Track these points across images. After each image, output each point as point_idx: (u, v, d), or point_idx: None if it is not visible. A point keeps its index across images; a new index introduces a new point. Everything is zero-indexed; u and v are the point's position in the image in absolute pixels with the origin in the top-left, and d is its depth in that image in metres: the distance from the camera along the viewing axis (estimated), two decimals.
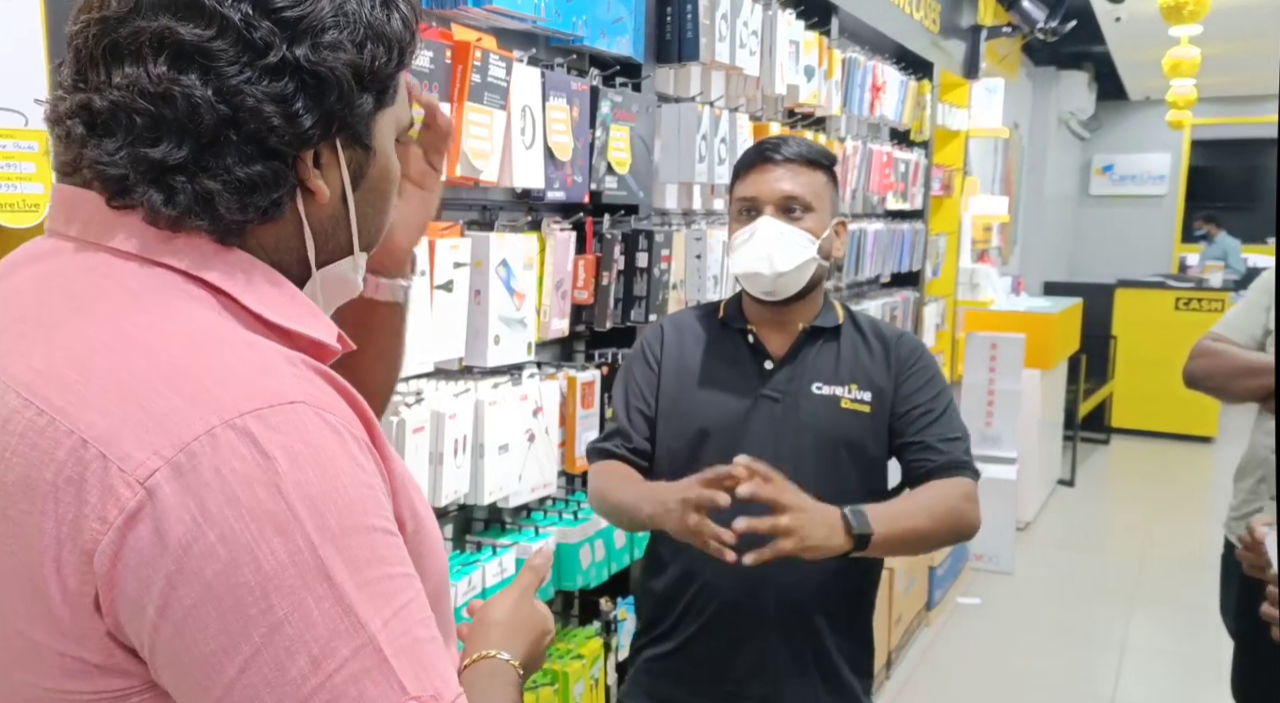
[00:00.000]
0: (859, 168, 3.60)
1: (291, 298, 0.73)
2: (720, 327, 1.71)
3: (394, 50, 0.73)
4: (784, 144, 1.63)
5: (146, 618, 0.60)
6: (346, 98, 0.70)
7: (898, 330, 1.75)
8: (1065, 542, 5.58)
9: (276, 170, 0.69)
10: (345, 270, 0.78)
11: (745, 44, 2.57)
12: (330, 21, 0.69)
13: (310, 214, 0.73)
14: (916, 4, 4.26)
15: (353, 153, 0.74)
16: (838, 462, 1.64)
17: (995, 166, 7.60)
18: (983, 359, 5.48)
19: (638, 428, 1.67)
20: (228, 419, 0.61)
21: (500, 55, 1.66)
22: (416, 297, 1.53)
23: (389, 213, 0.81)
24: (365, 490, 0.64)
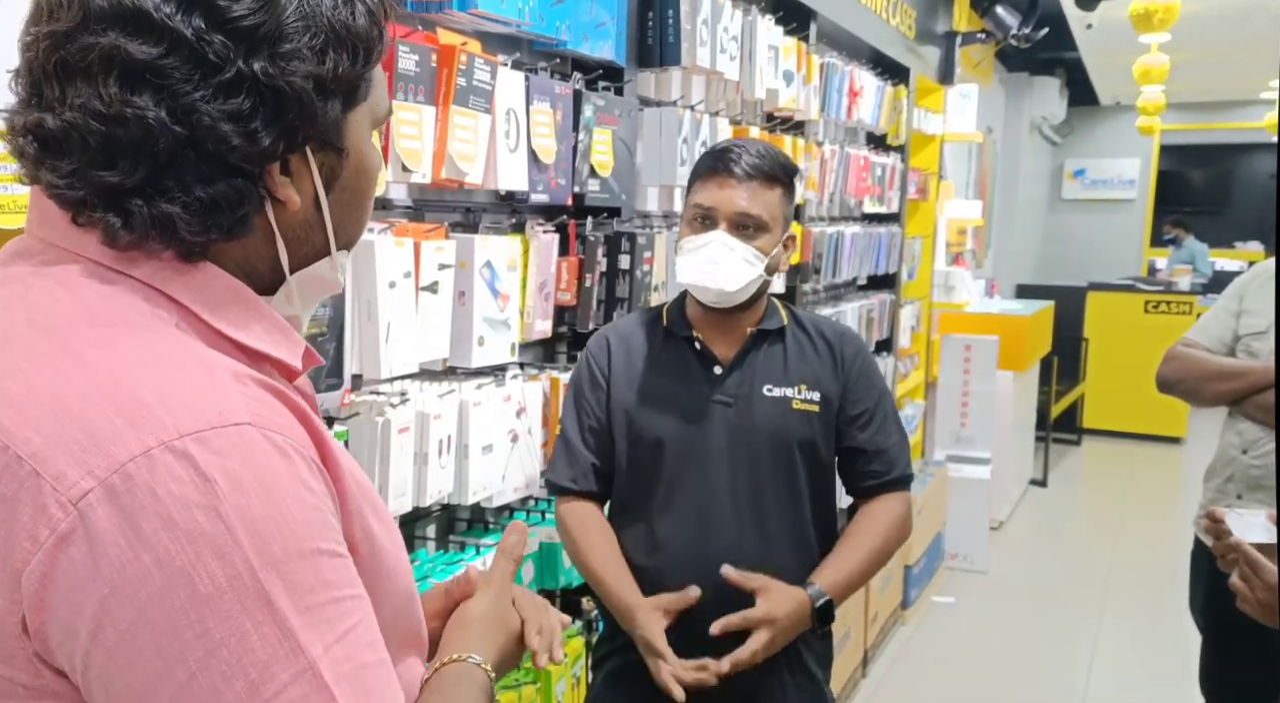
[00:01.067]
0: (837, 171, 3.64)
1: (257, 314, 0.71)
2: (665, 335, 1.73)
3: (359, 51, 0.70)
4: (746, 154, 1.61)
5: (79, 642, 0.58)
6: (308, 111, 0.68)
7: (839, 329, 1.79)
8: (1038, 541, 5.65)
9: (240, 188, 0.67)
10: (323, 271, 0.77)
11: (725, 49, 2.60)
12: (290, 28, 0.66)
13: (281, 222, 0.71)
14: (893, 10, 4.31)
15: (324, 157, 0.72)
16: (791, 463, 1.67)
17: (970, 171, 7.69)
18: (957, 361, 5.55)
19: (593, 448, 1.69)
20: (166, 441, 0.59)
21: (485, 59, 1.68)
22: (402, 298, 1.55)
23: (368, 207, 0.79)
24: (312, 513, 0.63)
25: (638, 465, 1.69)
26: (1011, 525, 5.82)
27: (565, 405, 1.75)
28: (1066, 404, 7.46)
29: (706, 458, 1.67)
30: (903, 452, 1.74)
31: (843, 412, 1.71)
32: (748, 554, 1.66)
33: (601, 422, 1.70)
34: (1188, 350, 2.22)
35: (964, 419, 5.51)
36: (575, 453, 1.70)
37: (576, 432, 1.71)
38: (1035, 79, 9.31)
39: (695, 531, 1.66)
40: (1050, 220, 11.68)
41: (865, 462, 1.72)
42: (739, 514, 1.66)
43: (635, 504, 1.71)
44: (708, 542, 1.66)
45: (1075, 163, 11.67)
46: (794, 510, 1.69)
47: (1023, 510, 6.12)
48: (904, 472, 1.74)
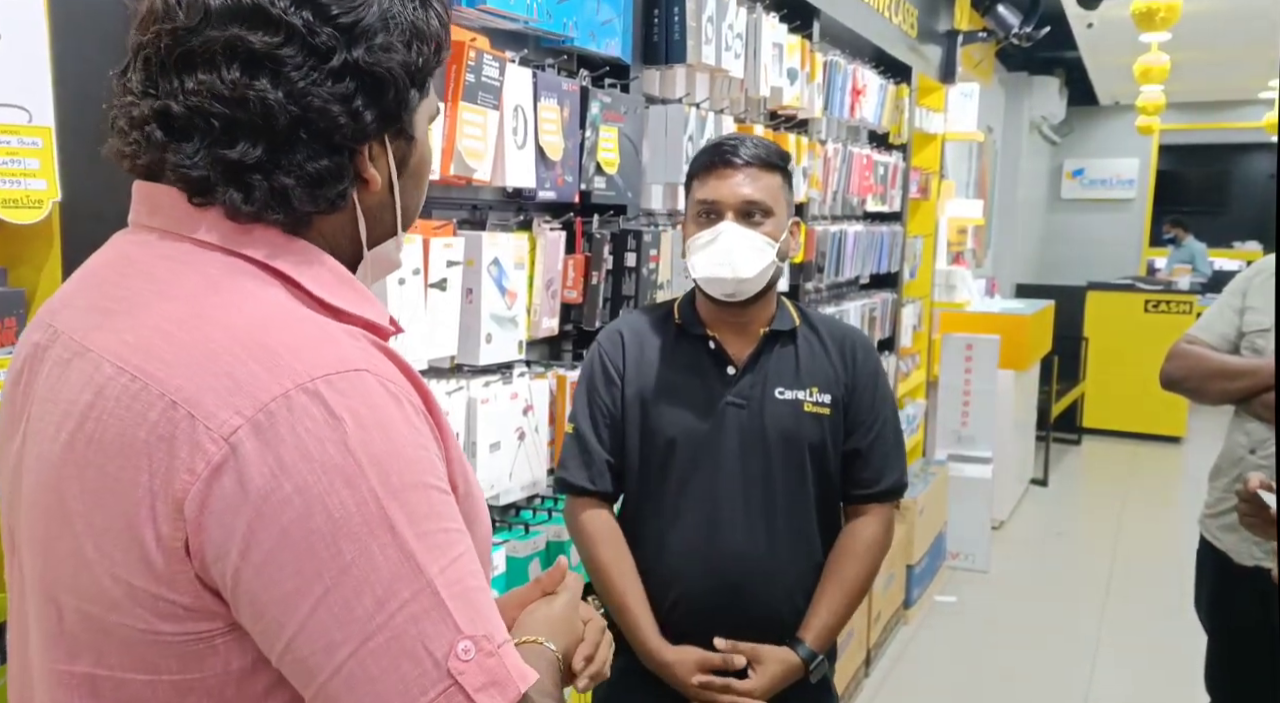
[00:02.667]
0: (840, 170, 3.63)
1: (349, 285, 0.79)
2: (678, 333, 1.72)
3: (434, 47, 0.79)
4: (742, 145, 1.63)
5: (230, 561, 0.65)
6: (402, 94, 0.76)
7: (847, 329, 1.79)
8: (1039, 540, 5.65)
9: (340, 164, 0.75)
10: (390, 250, 0.85)
11: (730, 47, 2.59)
12: (379, 25, 0.74)
13: (363, 201, 0.79)
14: (895, 9, 4.30)
15: (399, 144, 0.80)
16: (801, 466, 1.67)
17: (970, 170, 7.69)
18: (958, 360, 5.55)
19: (608, 445, 1.69)
20: (300, 383, 0.66)
21: (494, 55, 1.67)
22: (411, 296, 1.54)
23: (423, 193, 0.88)
24: (421, 452, 0.70)
25: (649, 463, 1.69)
26: (1013, 525, 5.82)
27: (577, 400, 1.74)
28: (1067, 404, 7.46)
29: (718, 459, 1.66)
30: (896, 461, 1.74)
31: (848, 412, 1.71)
32: (755, 556, 1.65)
33: (615, 418, 1.69)
34: (1192, 348, 2.21)
35: (965, 419, 5.51)
36: (590, 451, 1.69)
37: (590, 428, 1.69)
38: (1035, 78, 9.31)
39: (704, 532, 1.66)
40: (1050, 220, 11.68)
41: (858, 468, 1.72)
42: (749, 517, 1.66)
43: (644, 504, 1.70)
44: (716, 544, 1.65)
45: (1075, 162, 11.67)
46: (801, 513, 1.69)
47: (1024, 510, 6.12)
48: (894, 483, 1.74)
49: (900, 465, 1.76)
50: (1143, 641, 4.24)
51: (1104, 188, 11.65)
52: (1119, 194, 11.59)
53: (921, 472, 4.91)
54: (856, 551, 1.71)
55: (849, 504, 1.76)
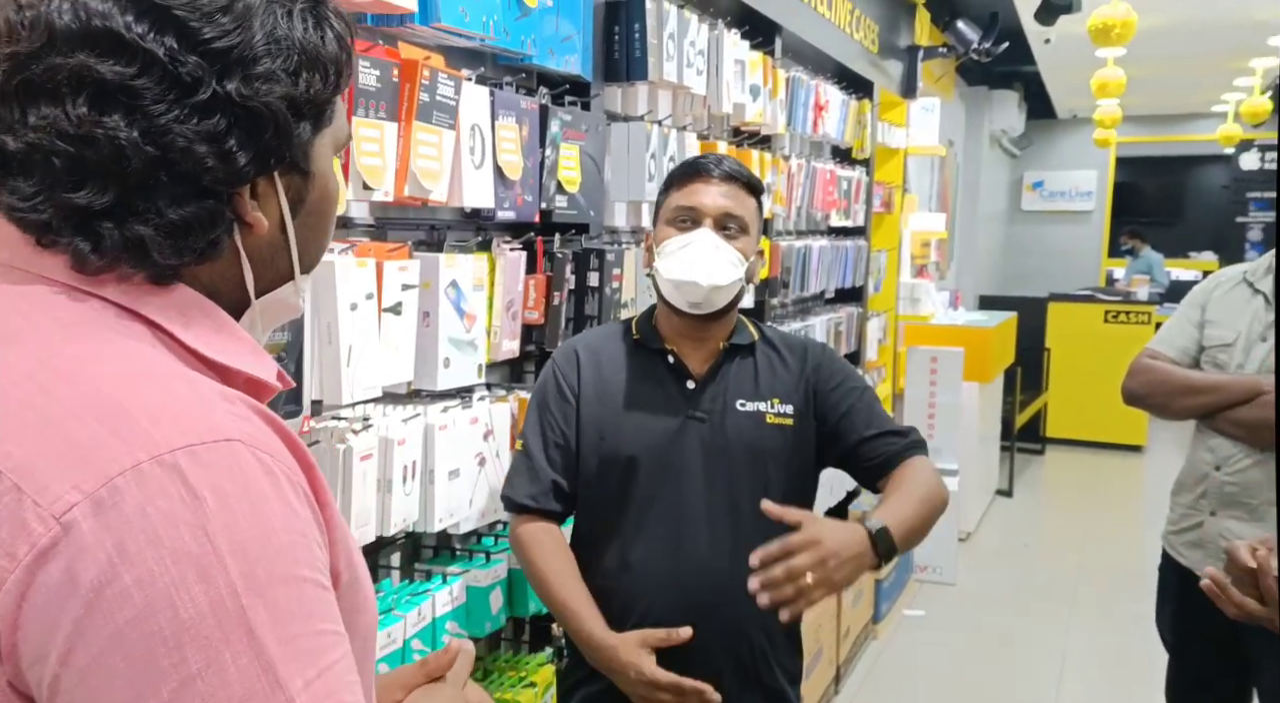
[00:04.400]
0: (803, 185, 3.63)
1: (230, 334, 0.70)
2: (636, 347, 1.70)
3: (330, 73, 0.71)
4: (725, 160, 1.65)
5: (48, 665, 0.56)
6: (283, 131, 0.68)
7: (802, 340, 1.78)
8: (1005, 552, 5.67)
9: (212, 209, 0.66)
10: (287, 295, 0.76)
11: (692, 63, 2.57)
12: (262, 50, 0.66)
13: (248, 246, 0.71)
14: (857, 25, 4.32)
15: (291, 180, 0.72)
16: (766, 478, 1.65)
17: (933, 183, 7.75)
18: (923, 373, 5.56)
19: (558, 466, 1.65)
20: (157, 454, 0.58)
21: (449, 74, 1.63)
22: (364, 321, 1.50)
23: (330, 230, 0.79)
24: (298, 538, 0.61)
25: (608, 483, 1.65)
26: (979, 537, 5.84)
27: (528, 419, 1.70)
28: (1030, 414, 7.52)
29: (680, 475, 1.63)
30: (910, 428, 1.69)
31: (828, 419, 1.68)
32: (722, 573, 1.62)
33: (567, 438, 1.66)
34: (1154, 363, 2.21)
35: (931, 431, 5.52)
36: (538, 469, 1.65)
37: (540, 448, 1.66)
38: (995, 93, 9.42)
39: (668, 549, 1.62)
40: (1011, 232, 11.81)
41: (872, 444, 1.65)
42: (713, 532, 1.63)
43: (604, 523, 1.67)
44: (680, 562, 1.62)
45: (1034, 175, 11.82)
46: (768, 526, 1.66)
47: (990, 521, 6.15)
48: (917, 438, 1.67)
49: (914, 430, 1.68)
50: (1109, 653, 4.26)
51: (1063, 199, 11.80)
52: (1078, 206, 11.75)
53: None
54: (912, 475, 1.58)
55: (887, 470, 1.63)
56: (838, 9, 4.01)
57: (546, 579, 1.60)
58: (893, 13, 5.01)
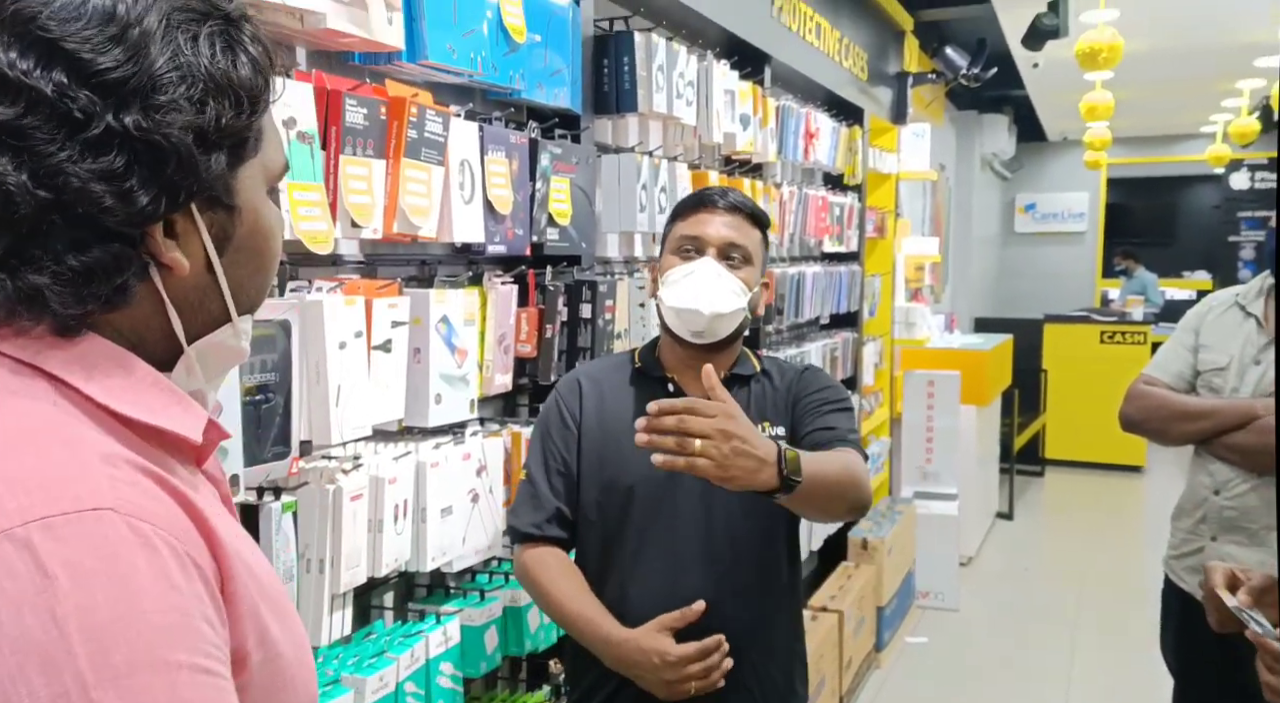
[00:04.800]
0: (796, 212, 3.63)
1: (150, 385, 0.65)
2: (638, 376, 1.70)
3: (243, 101, 0.66)
4: (730, 193, 1.66)
5: None
6: (188, 164, 0.63)
7: (797, 366, 1.78)
8: (1007, 575, 5.63)
9: (117, 253, 0.61)
10: (225, 339, 0.71)
11: (682, 94, 2.58)
12: (165, 79, 0.61)
13: (172, 289, 0.66)
14: (846, 53, 4.35)
15: (213, 216, 0.67)
16: (765, 506, 1.62)
17: (925, 208, 7.78)
18: (920, 397, 5.55)
19: (560, 493, 1.64)
20: (7, 529, 0.53)
21: (437, 110, 1.63)
22: (353, 359, 1.48)
23: (270, 268, 0.74)
24: (174, 618, 0.55)
25: (607, 512, 1.64)
26: (980, 561, 5.81)
27: (531, 448, 1.70)
28: (1028, 436, 7.50)
29: (677, 505, 1.62)
30: (852, 433, 1.65)
31: (798, 428, 1.68)
32: (717, 599, 1.60)
33: (569, 466, 1.65)
34: (1150, 389, 2.20)
35: (929, 455, 5.50)
36: (541, 498, 1.65)
37: (543, 476, 1.65)
38: (985, 117, 9.48)
39: (666, 582, 1.61)
40: (1004, 254, 11.85)
41: (820, 433, 1.62)
42: (712, 564, 1.62)
43: (604, 554, 1.65)
44: (678, 594, 1.60)
45: (1026, 197, 11.88)
46: (765, 553, 1.66)
47: (991, 545, 6.11)
48: (853, 438, 1.64)
49: (856, 438, 1.65)
50: (1113, 676, 4.21)
51: (1056, 221, 11.85)
52: (1070, 227, 11.80)
53: (888, 511, 4.88)
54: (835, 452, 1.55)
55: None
56: (826, 38, 4.04)
57: (555, 597, 1.58)
58: (882, 40, 5.05)
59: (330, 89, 1.44)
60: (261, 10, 1.35)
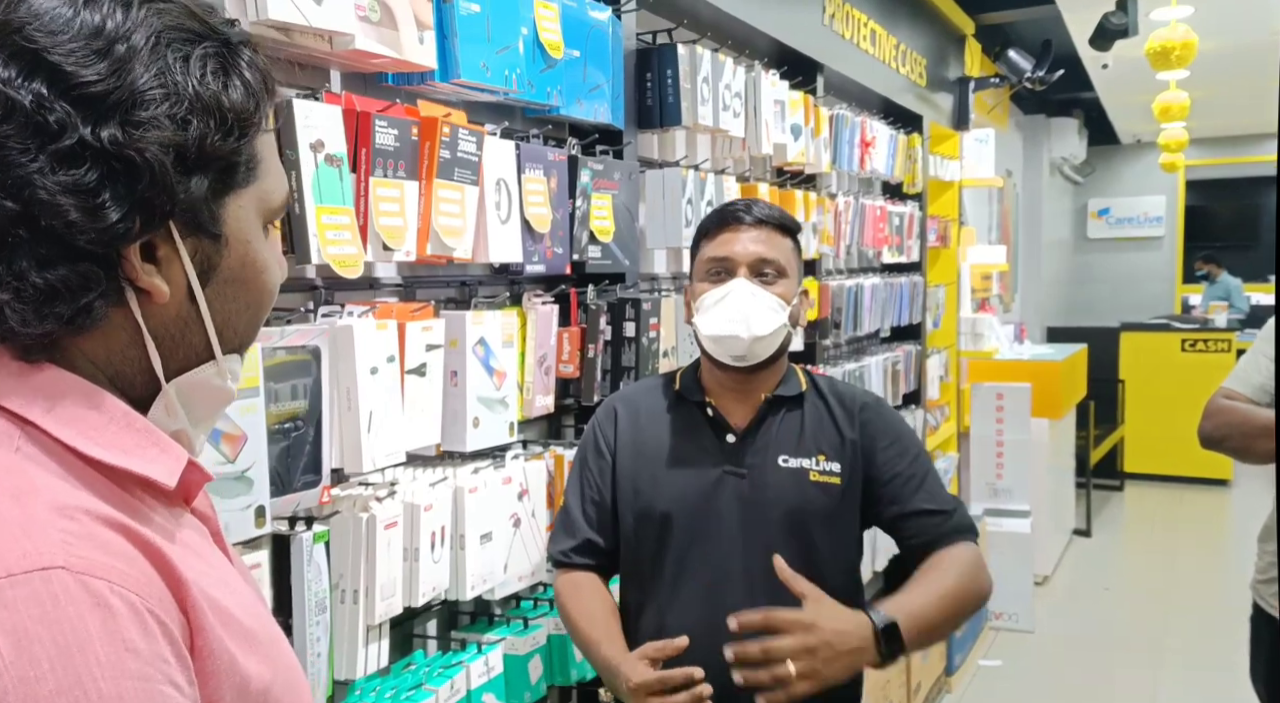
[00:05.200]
0: (852, 223, 3.55)
1: (122, 423, 0.62)
2: (676, 399, 1.64)
3: (231, 125, 0.64)
4: (754, 205, 1.59)
5: None
6: (162, 183, 0.60)
7: (858, 393, 1.68)
8: (1085, 595, 5.42)
9: (85, 273, 0.59)
10: (208, 377, 0.68)
11: (729, 106, 2.53)
12: (149, 95, 0.60)
13: (150, 318, 0.64)
14: (903, 59, 4.25)
15: (197, 243, 0.65)
16: (810, 539, 1.56)
17: (991, 215, 7.58)
18: (989, 410, 5.39)
19: (593, 522, 1.60)
20: None
21: (470, 130, 1.60)
22: (385, 384, 1.46)
23: (263, 305, 0.72)
24: (128, 684, 0.52)
25: (643, 540, 1.59)
26: (1057, 580, 5.60)
27: (570, 476, 1.68)
28: (1106, 449, 7.24)
29: (716, 534, 1.56)
30: (957, 507, 1.60)
31: (876, 481, 1.59)
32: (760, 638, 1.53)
33: (604, 494, 1.61)
34: (1230, 403, 2.07)
35: (1000, 471, 5.33)
36: (574, 526, 1.62)
37: (578, 504, 1.63)
38: (1053, 120, 9.24)
39: (704, 613, 1.54)
40: (1077, 261, 11.50)
41: (917, 520, 1.56)
42: (752, 596, 1.54)
43: (641, 584, 1.60)
44: (717, 626, 1.53)
45: (1099, 202, 11.52)
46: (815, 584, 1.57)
47: (1068, 563, 5.90)
48: (965, 521, 1.58)
49: (963, 511, 1.59)
50: None
51: (1131, 226, 11.47)
52: (1147, 232, 11.41)
53: None
54: (942, 564, 1.49)
55: (924, 552, 1.54)
56: (882, 45, 3.95)
57: (573, 617, 1.54)
58: (941, 45, 4.94)
59: (360, 111, 1.42)
60: (289, 34, 1.35)
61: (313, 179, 1.32)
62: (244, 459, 1.19)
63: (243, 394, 1.19)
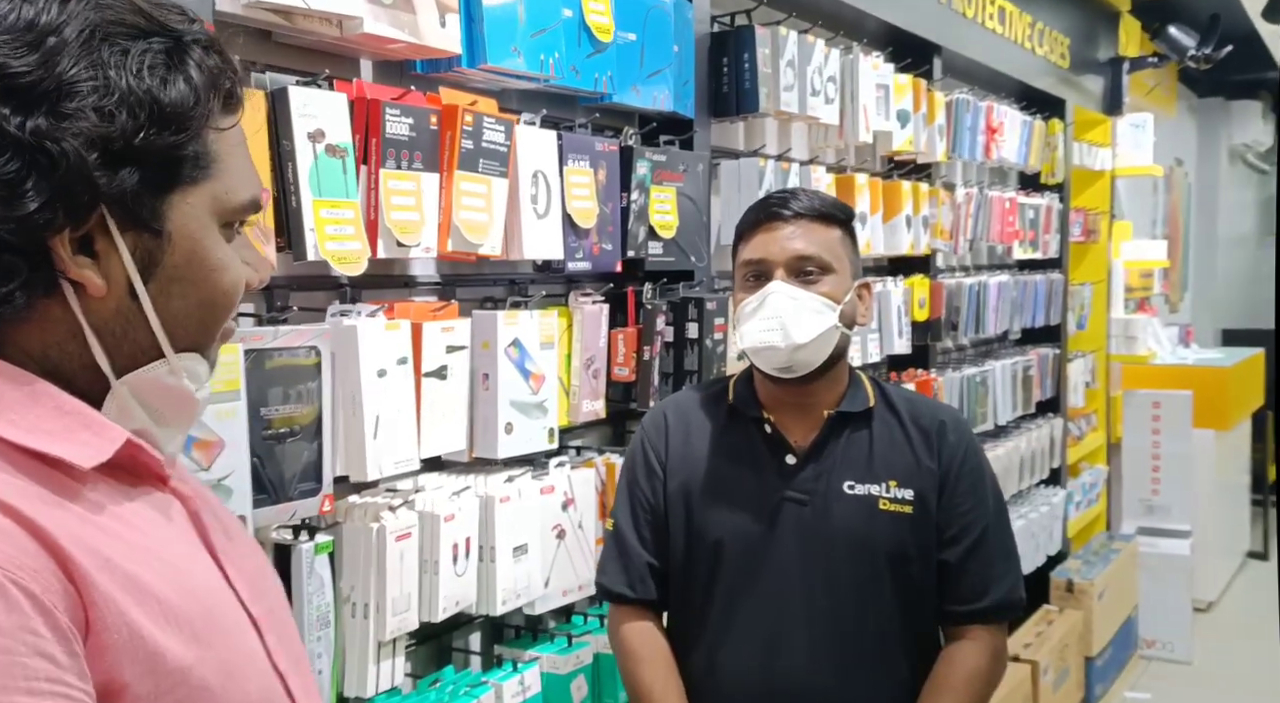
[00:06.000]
0: (975, 216, 3.29)
1: (49, 407, 0.64)
2: (730, 414, 1.48)
3: (168, 120, 0.64)
4: (792, 198, 1.42)
5: None
6: (80, 174, 0.61)
7: (938, 412, 1.49)
8: (1256, 625, 4.87)
9: (8, 263, 0.61)
10: (160, 376, 0.69)
11: (819, 91, 2.36)
12: (75, 88, 0.61)
13: (89, 312, 0.65)
14: (1040, 39, 3.93)
15: (137, 238, 0.65)
16: (877, 576, 1.39)
17: (1156, 208, 6.99)
18: (1144, 419, 4.95)
19: (650, 546, 1.47)
20: None
21: (498, 118, 1.52)
22: (396, 388, 1.38)
23: (216, 305, 0.70)
24: None
25: (694, 569, 1.45)
26: (1224, 607, 5.09)
27: (618, 494, 1.54)
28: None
29: (773, 567, 1.41)
30: (1005, 575, 1.44)
31: (941, 515, 1.42)
32: (822, 687, 1.38)
33: (658, 513, 1.47)
34: None
35: (1155, 486, 4.88)
36: (629, 552, 1.47)
37: (631, 527, 1.48)
38: (1233, 104, 8.46)
39: (760, 654, 1.40)
40: (1262, 257, 10.49)
41: (955, 581, 1.43)
42: (813, 637, 1.39)
43: (691, 615, 1.47)
44: (775, 669, 1.39)
45: None
46: (880, 636, 1.41)
47: (1238, 589, 5.36)
48: (1000, 599, 1.43)
49: (1012, 578, 1.45)
50: None
51: None
52: None
53: (1102, 548, 4.35)
54: (952, 683, 1.40)
55: (946, 625, 1.46)
56: (1013, 24, 3.65)
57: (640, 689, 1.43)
58: (1089, 23, 4.55)
59: (370, 98, 1.36)
60: (291, 18, 1.29)
61: (310, 171, 1.26)
62: (221, 467, 1.14)
63: (219, 398, 1.13)
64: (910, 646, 1.43)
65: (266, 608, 0.73)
